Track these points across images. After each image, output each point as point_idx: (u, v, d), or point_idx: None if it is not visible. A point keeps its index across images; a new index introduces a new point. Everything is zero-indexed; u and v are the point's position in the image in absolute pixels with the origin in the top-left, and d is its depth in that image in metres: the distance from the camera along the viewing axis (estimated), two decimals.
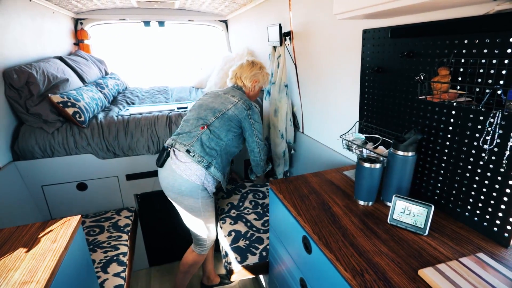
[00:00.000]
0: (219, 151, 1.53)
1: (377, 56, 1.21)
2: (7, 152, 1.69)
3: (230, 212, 1.81)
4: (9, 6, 1.79)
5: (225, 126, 1.53)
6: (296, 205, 1.12)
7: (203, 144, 1.49)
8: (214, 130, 1.51)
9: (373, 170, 1.04)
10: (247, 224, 1.70)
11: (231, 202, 1.90)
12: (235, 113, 1.54)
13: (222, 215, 1.80)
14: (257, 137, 1.60)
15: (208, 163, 1.49)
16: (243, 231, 1.65)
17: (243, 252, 1.54)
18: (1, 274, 0.84)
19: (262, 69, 1.73)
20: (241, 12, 2.85)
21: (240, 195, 1.98)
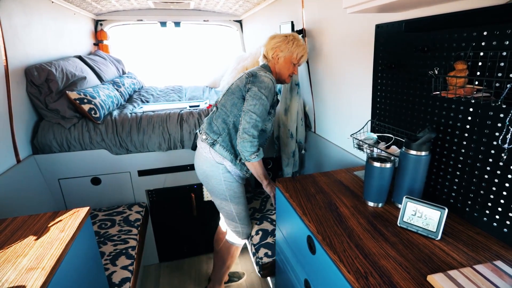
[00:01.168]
0: (226, 128, 1.44)
1: (391, 52, 1.16)
2: (27, 146, 1.77)
3: (254, 215, 1.83)
4: (32, 7, 1.88)
5: (229, 101, 1.43)
6: (302, 204, 1.10)
7: (211, 122, 1.48)
8: (221, 108, 1.46)
9: (383, 170, 1.00)
10: (273, 223, 1.72)
11: (253, 207, 1.92)
12: (237, 83, 1.45)
13: None
14: (249, 105, 1.34)
15: (213, 141, 1.45)
16: (270, 229, 1.66)
17: (273, 248, 1.56)
18: (11, 259, 0.87)
19: (288, 38, 1.48)
20: (255, 11, 2.85)
21: (260, 200, 2.01)
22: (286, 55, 1.48)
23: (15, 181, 1.59)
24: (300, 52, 1.48)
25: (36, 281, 0.78)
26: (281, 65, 1.51)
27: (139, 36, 3.73)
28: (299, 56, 1.48)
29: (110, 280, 1.39)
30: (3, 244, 0.94)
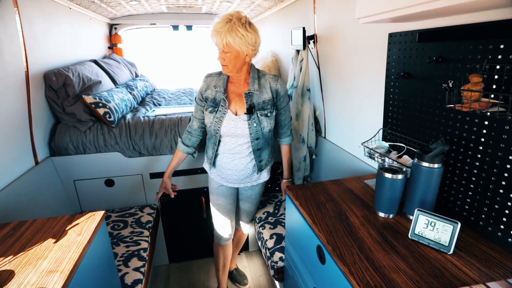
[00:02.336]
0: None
1: (404, 61, 1.15)
2: (45, 148, 1.83)
3: (268, 219, 1.86)
4: (52, 14, 1.94)
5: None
6: (312, 213, 1.10)
7: None
8: None
9: (395, 181, 0.99)
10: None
11: (267, 211, 1.94)
12: None
13: (260, 222, 1.85)
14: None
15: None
16: (284, 233, 1.68)
17: None
18: (32, 262, 0.91)
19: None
20: (266, 16, 2.86)
21: (274, 204, 2.03)
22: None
23: (34, 182, 1.65)
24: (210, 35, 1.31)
25: (56, 284, 0.82)
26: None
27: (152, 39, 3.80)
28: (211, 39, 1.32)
29: (123, 281, 1.42)
30: (24, 246, 0.98)
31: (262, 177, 1.60)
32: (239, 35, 1.22)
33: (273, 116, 1.44)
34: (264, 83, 1.42)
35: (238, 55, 1.28)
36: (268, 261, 1.62)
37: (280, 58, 2.78)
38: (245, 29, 1.23)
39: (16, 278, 0.84)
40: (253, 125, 1.40)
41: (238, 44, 1.24)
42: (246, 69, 1.40)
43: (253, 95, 1.39)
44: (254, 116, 1.39)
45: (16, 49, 1.54)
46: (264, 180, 1.63)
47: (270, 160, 1.60)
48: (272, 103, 1.42)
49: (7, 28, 1.47)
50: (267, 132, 1.45)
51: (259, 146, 1.47)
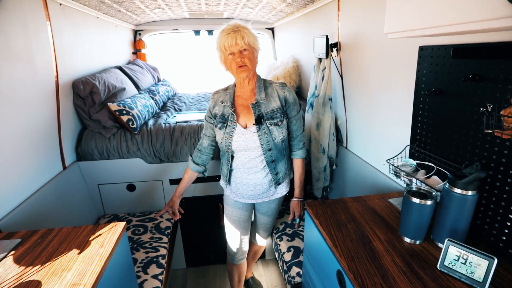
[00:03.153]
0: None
1: (435, 77, 1.08)
2: (72, 153, 1.91)
3: (286, 230, 1.82)
4: (80, 24, 2.02)
5: None
6: (333, 234, 1.06)
7: None
8: None
9: (423, 207, 0.94)
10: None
11: (285, 221, 1.91)
12: None
13: (278, 233, 1.82)
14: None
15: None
16: (302, 247, 1.63)
17: None
18: (57, 273, 0.94)
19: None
20: (288, 21, 2.82)
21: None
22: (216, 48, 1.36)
23: (62, 185, 1.72)
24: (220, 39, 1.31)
25: None
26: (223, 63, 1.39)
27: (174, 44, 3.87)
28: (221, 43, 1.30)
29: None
30: (51, 255, 1.02)
31: (280, 191, 1.56)
32: (252, 33, 1.31)
33: (284, 125, 1.40)
34: (272, 91, 1.39)
35: (254, 54, 1.34)
36: (285, 275, 1.59)
37: (301, 64, 2.74)
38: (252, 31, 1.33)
39: None
40: (264, 136, 1.37)
41: (253, 41, 1.31)
42: (255, 76, 1.41)
43: (261, 105, 1.37)
44: (263, 126, 1.36)
45: (47, 60, 1.62)
46: (282, 194, 1.58)
47: (287, 173, 1.55)
48: (281, 111, 1.39)
49: (40, 40, 1.54)
50: (279, 142, 1.40)
51: (273, 158, 1.42)
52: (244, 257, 1.75)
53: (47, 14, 1.59)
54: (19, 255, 1.02)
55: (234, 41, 1.26)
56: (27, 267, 0.97)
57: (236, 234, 1.64)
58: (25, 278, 0.91)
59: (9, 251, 1.04)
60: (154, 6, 2.41)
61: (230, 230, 1.66)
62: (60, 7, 1.73)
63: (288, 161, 1.53)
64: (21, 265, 0.97)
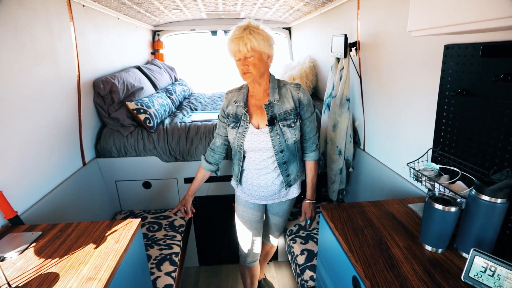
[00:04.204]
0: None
1: (462, 77, 1.03)
2: (92, 150, 1.97)
3: (299, 233, 1.80)
4: (102, 25, 2.08)
5: None
6: (349, 239, 1.03)
7: None
8: None
9: (446, 214, 0.89)
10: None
11: (298, 224, 1.89)
12: None
13: (291, 235, 1.80)
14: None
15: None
16: (316, 251, 1.61)
17: None
18: (74, 266, 0.96)
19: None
20: (305, 20, 2.79)
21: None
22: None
23: (81, 181, 1.78)
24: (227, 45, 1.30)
25: None
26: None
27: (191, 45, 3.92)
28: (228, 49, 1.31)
29: (155, 285, 1.47)
30: (69, 248, 1.05)
31: (291, 193, 1.53)
32: (260, 36, 1.24)
33: (298, 127, 1.38)
34: (285, 92, 1.36)
35: (261, 57, 1.27)
36: (298, 279, 1.56)
37: (318, 64, 2.69)
38: (263, 31, 1.27)
39: (60, 281, 0.90)
40: (276, 137, 1.35)
41: (262, 45, 1.25)
42: (267, 77, 1.37)
43: (274, 106, 1.35)
44: (276, 127, 1.34)
45: (70, 59, 1.67)
46: (294, 196, 1.55)
47: (299, 175, 1.51)
48: (295, 112, 1.36)
49: (64, 41, 1.60)
50: (291, 144, 1.38)
51: (284, 160, 1.40)
52: (256, 259, 1.72)
53: (71, 15, 1.65)
54: (40, 247, 1.06)
55: (238, 48, 1.24)
56: (46, 259, 1.00)
57: (248, 235, 1.62)
58: (44, 270, 0.94)
59: (30, 243, 1.08)
60: (172, 7, 2.45)
61: (241, 231, 1.64)
62: (83, 8, 1.79)
63: (300, 163, 1.50)
64: (41, 257, 1.01)
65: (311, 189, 1.51)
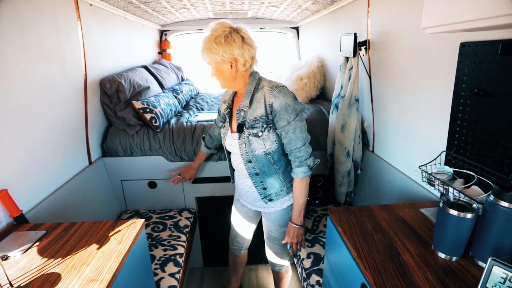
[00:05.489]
0: None
1: (479, 76, 0.98)
2: (98, 149, 1.97)
3: (306, 235, 1.76)
4: (109, 24, 2.08)
5: None
6: (357, 244, 0.99)
7: None
8: None
9: (462, 221, 0.84)
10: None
11: (305, 226, 1.85)
12: None
13: None
14: None
15: None
16: (322, 254, 1.58)
17: None
18: (76, 267, 0.95)
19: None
20: (313, 20, 2.75)
21: (313, 219, 1.93)
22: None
23: (87, 180, 1.78)
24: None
25: None
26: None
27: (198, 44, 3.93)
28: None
29: (159, 286, 1.46)
30: (72, 248, 1.04)
31: (275, 205, 1.39)
32: (213, 51, 1.16)
33: (269, 137, 1.24)
34: (260, 97, 1.22)
35: (222, 69, 1.21)
36: (304, 283, 1.53)
37: (326, 63, 2.65)
38: (219, 42, 1.15)
39: (62, 282, 0.88)
40: (243, 146, 1.28)
41: (214, 60, 1.18)
42: (243, 81, 1.26)
43: (247, 112, 1.24)
44: (244, 135, 1.26)
45: (77, 58, 1.67)
46: (277, 209, 1.40)
47: (281, 192, 1.36)
48: (265, 120, 1.21)
49: (71, 40, 1.60)
50: (261, 155, 1.26)
51: (256, 171, 1.31)
52: (240, 249, 1.77)
53: (78, 14, 1.65)
54: (43, 247, 1.05)
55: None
56: (49, 259, 0.99)
57: (238, 218, 1.66)
58: (46, 270, 0.93)
59: (34, 242, 1.07)
60: (179, 6, 2.44)
61: (234, 213, 1.69)
62: (91, 7, 1.79)
63: (286, 178, 1.35)
64: (43, 257, 1.00)
65: (296, 211, 1.31)
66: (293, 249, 1.36)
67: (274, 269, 1.65)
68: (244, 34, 1.19)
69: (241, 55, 1.17)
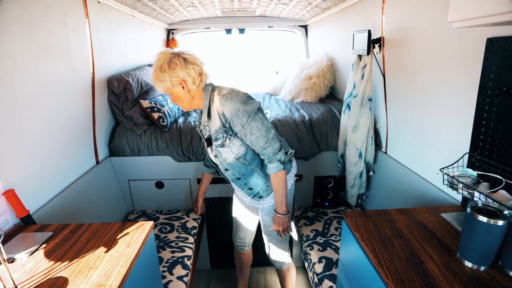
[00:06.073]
0: None
1: (508, 74, 0.92)
2: (105, 148, 1.94)
3: (317, 239, 1.71)
4: (117, 22, 2.06)
5: None
6: (377, 251, 0.94)
7: None
8: None
9: (492, 228, 0.78)
10: (337, 251, 1.57)
11: (316, 229, 1.80)
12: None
13: (308, 241, 1.71)
14: None
15: None
16: (335, 259, 1.52)
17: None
18: (84, 271, 0.92)
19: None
20: (323, 17, 2.69)
21: (323, 222, 1.87)
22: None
23: (94, 180, 1.75)
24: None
25: None
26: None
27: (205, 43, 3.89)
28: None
29: None
30: (79, 251, 1.01)
31: (267, 201, 1.44)
32: (161, 78, 1.21)
33: (234, 144, 1.26)
34: (214, 108, 1.25)
35: (177, 93, 1.26)
36: None
37: (336, 62, 2.59)
38: (164, 70, 1.20)
39: (69, 287, 0.85)
40: (215, 158, 1.36)
41: (166, 86, 1.24)
42: (199, 98, 1.29)
43: (209, 126, 1.31)
44: (213, 148, 1.33)
45: (85, 56, 1.65)
46: (269, 204, 1.44)
47: (268, 188, 1.39)
48: (224, 130, 1.25)
49: (78, 37, 1.57)
50: (233, 161, 1.30)
51: (236, 176, 1.37)
52: (244, 245, 1.79)
53: (86, 11, 1.62)
54: (50, 249, 1.02)
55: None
56: (56, 262, 0.96)
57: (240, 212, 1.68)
58: (53, 274, 0.90)
59: (41, 244, 1.05)
60: (187, 4, 2.40)
61: (235, 207, 1.71)
62: (99, 5, 1.76)
63: (266, 173, 1.35)
64: (50, 260, 0.97)
65: (278, 201, 1.34)
66: (280, 234, 1.43)
67: (275, 266, 1.68)
68: (186, 56, 1.23)
69: (187, 75, 1.21)
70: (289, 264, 1.66)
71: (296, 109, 2.32)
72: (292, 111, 2.27)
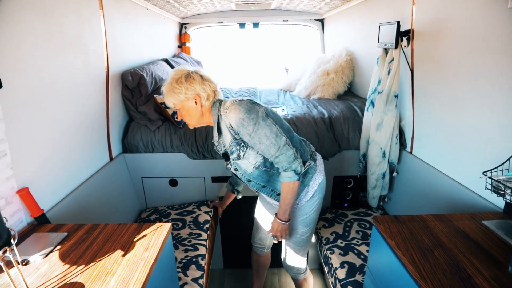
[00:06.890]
0: None
1: None
2: (119, 145, 1.90)
3: (337, 242, 1.63)
4: (130, 14, 2.00)
5: None
6: (416, 261, 0.86)
7: None
8: None
9: None
10: (360, 256, 1.49)
11: (336, 231, 1.72)
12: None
13: (328, 244, 1.64)
14: None
15: None
16: (358, 264, 1.44)
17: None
18: (101, 277, 0.86)
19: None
20: (342, 10, 2.58)
21: (343, 224, 1.78)
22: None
23: (108, 176, 1.71)
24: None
25: None
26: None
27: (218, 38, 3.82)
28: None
29: None
30: (95, 254, 0.96)
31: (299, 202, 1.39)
32: (176, 90, 1.20)
33: (250, 154, 1.23)
34: (223, 123, 1.24)
35: (188, 107, 1.24)
36: None
37: (355, 57, 2.48)
38: (181, 82, 1.20)
39: None
40: (236, 171, 1.34)
41: (179, 99, 1.22)
42: (210, 115, 1.28)
43: (223, 141, 1.30)
44: (231, 162, 1.32)
45: (99, 49, 1.59)
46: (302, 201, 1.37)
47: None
48: (236, 142, 1.22)
49: (93, 29, 1.52)
50: (254, 171, 1.27)
51: (261, 184, 1.33)
52: (263, 247, 1.76)
53: (101, 2, 1.56)
54: (65, 251, 0.98)
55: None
56: (71, 265, 0.91)
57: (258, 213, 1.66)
58: (69, 279, 0.85)
59: (55, 245, 1.00)
60: None
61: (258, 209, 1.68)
62: None
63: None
64: (65, 263, 0.92)
65: (282, 208, 1.28)
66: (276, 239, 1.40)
67: (291, 274, 1.62)
68: (203, 73, 1.24)
69: (203, 90, 1.21)
70: (306, 274, 1.60)
71: (313, 106, 2.23)
72: (310, 108, 2.18)
